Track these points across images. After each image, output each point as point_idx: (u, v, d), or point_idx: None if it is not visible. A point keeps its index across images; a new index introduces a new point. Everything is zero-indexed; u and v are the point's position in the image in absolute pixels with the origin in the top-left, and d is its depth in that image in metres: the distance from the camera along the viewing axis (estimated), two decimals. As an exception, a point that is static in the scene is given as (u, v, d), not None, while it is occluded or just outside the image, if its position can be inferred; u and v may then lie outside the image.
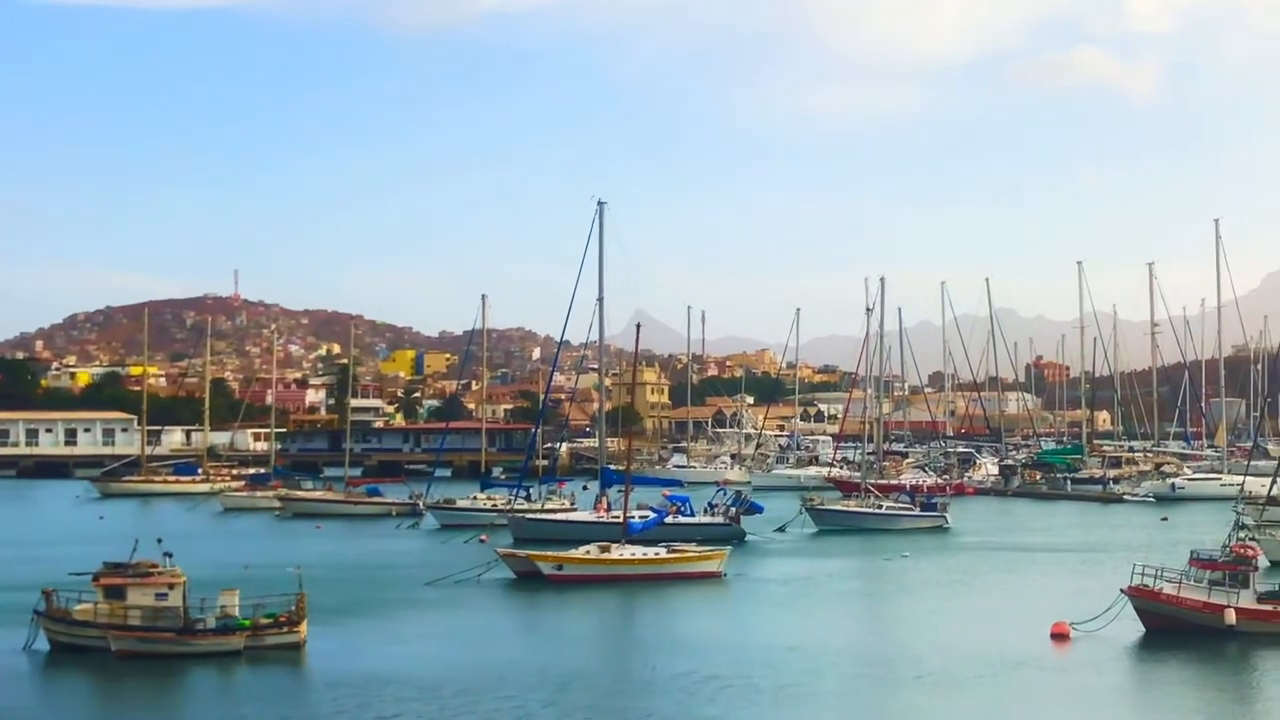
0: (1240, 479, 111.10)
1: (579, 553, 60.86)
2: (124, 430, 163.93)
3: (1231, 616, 43.33)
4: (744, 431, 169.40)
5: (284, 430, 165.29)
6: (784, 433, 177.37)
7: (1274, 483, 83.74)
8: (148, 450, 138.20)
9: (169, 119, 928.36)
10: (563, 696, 36.25)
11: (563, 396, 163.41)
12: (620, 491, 69.82)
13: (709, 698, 35.86)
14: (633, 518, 67.76)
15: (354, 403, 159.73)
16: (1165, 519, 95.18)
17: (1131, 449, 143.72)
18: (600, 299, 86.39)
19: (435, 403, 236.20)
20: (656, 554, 61.28)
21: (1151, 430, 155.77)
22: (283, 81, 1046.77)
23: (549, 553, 61.33)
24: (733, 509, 79.64)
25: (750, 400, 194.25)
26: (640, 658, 42.76)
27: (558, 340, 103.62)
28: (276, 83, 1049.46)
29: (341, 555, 72.47)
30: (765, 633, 47.08)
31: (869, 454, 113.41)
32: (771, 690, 36.79)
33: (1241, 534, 50.46)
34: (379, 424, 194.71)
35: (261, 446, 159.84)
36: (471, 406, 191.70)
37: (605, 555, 60.44)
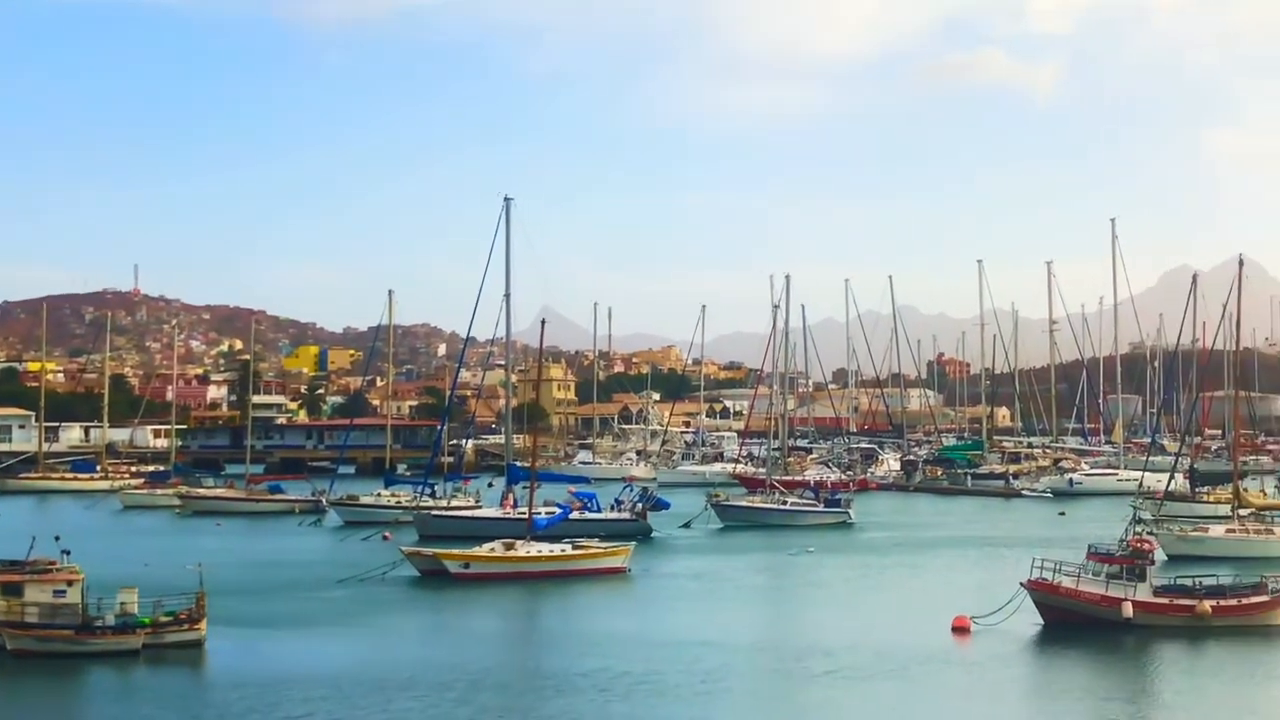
0: (1136, 474, 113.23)
1: (483, 549, 60.68)
2: (21, 427, 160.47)
3: (1129, 609, 44.07)
4: (650, 428, 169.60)
5: (185, 427, 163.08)
6: (690, 429, 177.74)
7: (1171, 479, 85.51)
8: (45, 447, 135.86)
9: (68, 113, 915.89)
10: (476, 695, 36.14)
11: (469, 393, 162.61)
12: (526, 488, 69.67)
13: (624, 695, 35.90)
14: (538, 514, 67.75)
15: (256, 399, 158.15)
16: (1063, 514, 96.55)
17: (1030, 445, 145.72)
18: (507, 295, 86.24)
19: (339, 399, 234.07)
20: (563, 550, 61.23)
21: (1050, 426, 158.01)
22: (186, 76, 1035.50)
23: (455, 550, 61.05)
24: (639, 505, 79.76)
25: (656, 397, 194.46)
26: (552, 655, 42.66)
27: (464, 337, 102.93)
28: (179, 77, 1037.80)
29: (242, 553, 71.62)
30: (674, 629, 47.20)
31: (774, 450, 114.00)
32: (685, 687, 36.89)
33: (1138, 528, 51.34)
34: (282, 421, 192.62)
35: (162, 443, 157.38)
36: (376, 403, 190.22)
37: (512, 553, 60.28)
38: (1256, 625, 45.21)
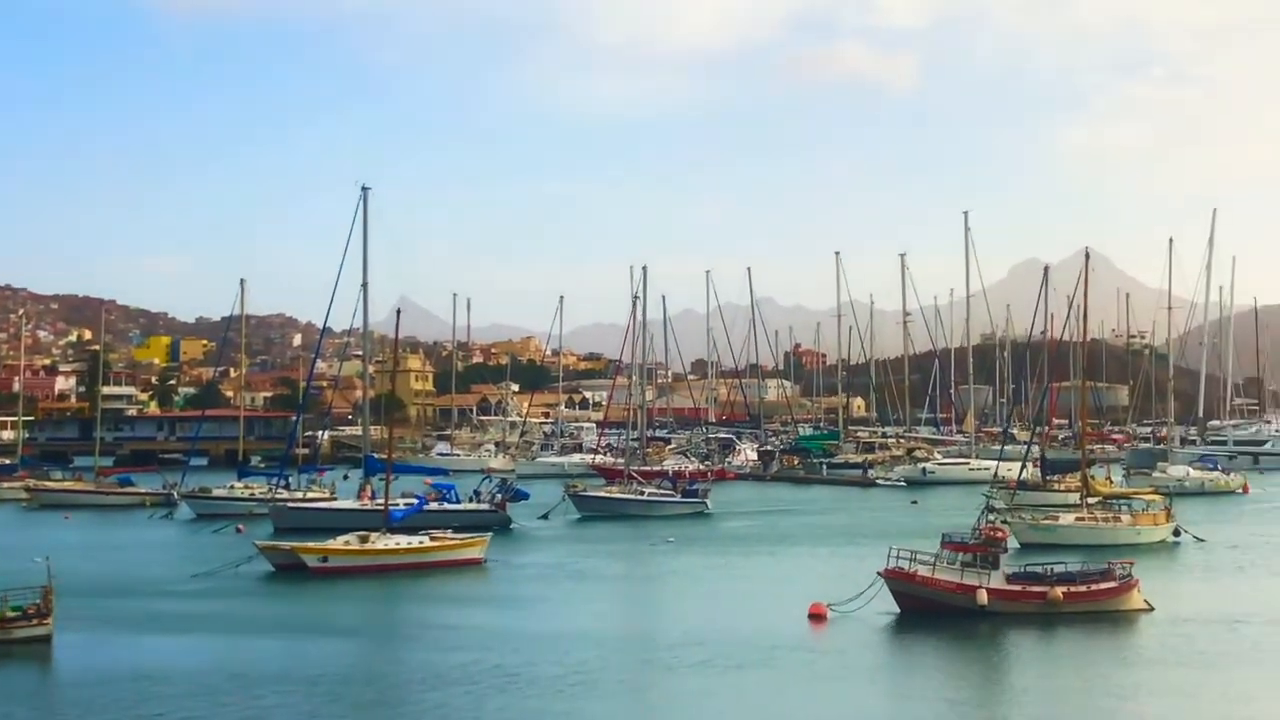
0: (987, 463, 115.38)
1: (338, 542, 59.89)
2: None
3: (983, 597, 44.75)
4: (509, 419, 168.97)
5: (32, 419, 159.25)
6: (549, 420, 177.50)
7: (1023, 468, 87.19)
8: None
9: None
10: (348, 690, 35.80)
11: (325, 384, 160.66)
12: (383, 480, 68.98)
13: (499, 688, 35.59)
14: (395, 506, 67.13)
15: (106, 390, 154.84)
16: (915, 502, 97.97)
17: (885, 434, 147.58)
18: (364, 285, 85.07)
19: (192, 390, 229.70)
20: (420, 543, 60.72)
21: (904, 416, 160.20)
22: (34, 58, 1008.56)
23: (311, 544, 60.15)
24: (498, 496, 79.45)
25: (515, 388, 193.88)
26: (419, 649, 42.19)
27: (320, 327, 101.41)
28: (27, 59, 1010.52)
29: (91, 546, 70.04)
30: (539, 621, 46.98)
31: (632, 441, 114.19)
32: (557, 679, 36.70)
33: (991, 517, 52.15)
34: (132, 412, 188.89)
35: (8, 435, 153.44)
36: (229, 394, 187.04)
37: (369, 545, 59.57)
38: (1105, 610, 46.23)
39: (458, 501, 77.30)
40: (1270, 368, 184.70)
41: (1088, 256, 79.44)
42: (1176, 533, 69.96)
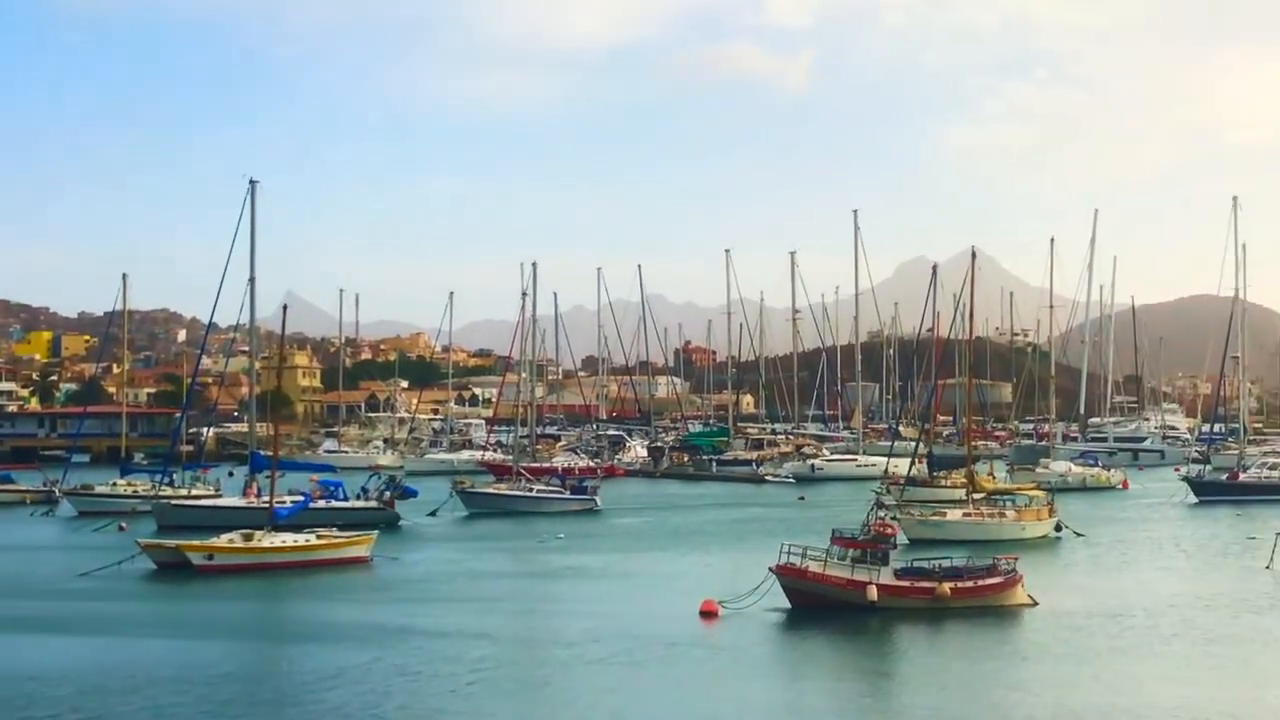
0: (874, 459, 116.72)
1: (222, 540, 59.06)
2: None
3: (873, 593, 45.14)
4: (397, 416, 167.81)
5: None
6: (438, 416, 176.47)
7: (913, 464, 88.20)
8: None
9: None
10: (247, 690, 35.18)
11: (210, 380, 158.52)
12: (269, 477, 68.16)
13: (398, 688, 35.11)
14: (281, 503, 66.44)
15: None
16: (803, 499, 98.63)
17: (774, 431, 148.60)
18: (251, 280, 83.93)
19: (73, 386, 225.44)
20: (306, 540, 60.09)
21: (792, 413, 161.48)
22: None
23: (196, 541, 59.22)
24: (386, 493, 78.87)
25: (404, 384, 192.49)
26: (315, 649, 41.40)
27: (205, 323, 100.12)
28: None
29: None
30: (431, 619, 46.49)
31: (522, 437, 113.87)
32: (451, 678, 36.34)
33: (881, 513, 52.60)
34: (12, 408, 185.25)
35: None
36: (112, 390, 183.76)
37: (255, 543, 58.81)
38: (991, 605, 46.87)
39: (345, 499, 76.65)
40: (1149, 366, 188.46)
41: (974, 256, 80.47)
42: (1058, 528, 71.13)
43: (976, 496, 73.99)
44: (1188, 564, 63.54)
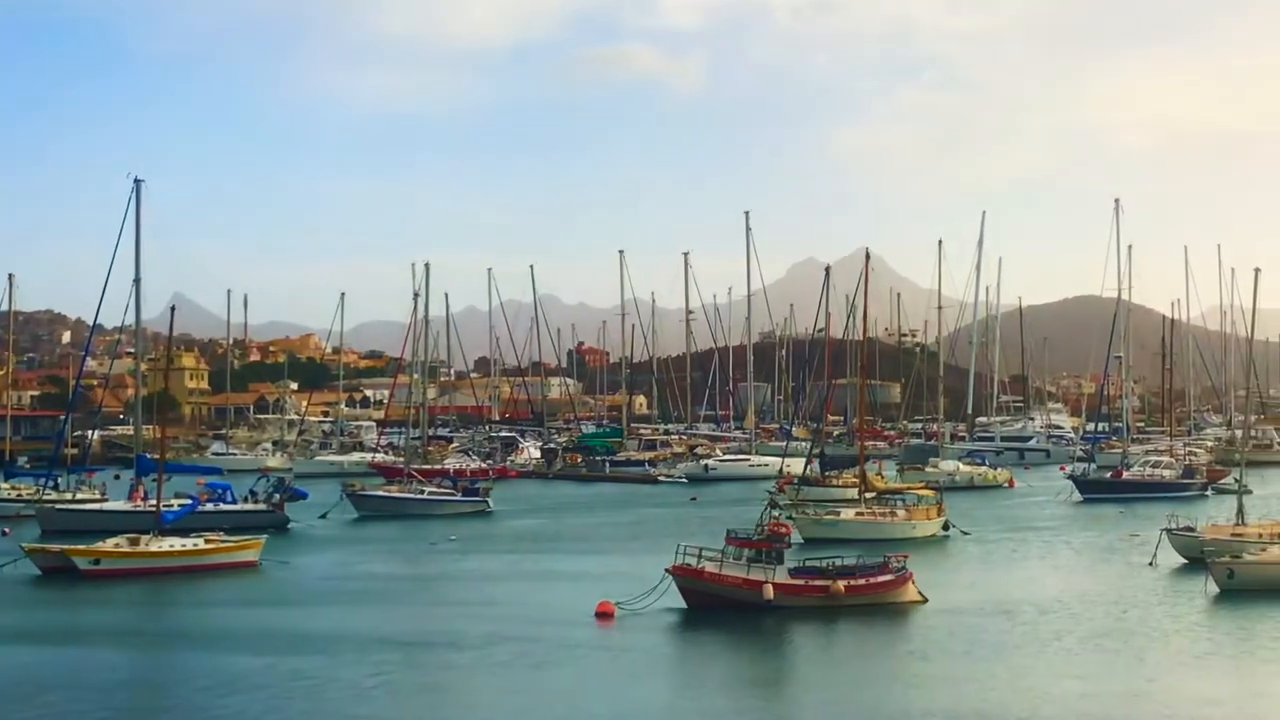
0: (767, 460, 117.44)
1: (108, 544, 57.95)
2: None
3: (769, 592, 45.35)
4: (287, 418, 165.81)
5: None
6: (328, 418, 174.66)
7: (808, 464, 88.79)
8: None
9: None
10: (143, 697, 34.87)
11: (95, 382, 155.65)
12: (155, 480, 67.01)
13: (298, 693, 34.84)
14: (168, 507, 65.38)
15: None
16: (695, 499, 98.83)
17: (667, 431, 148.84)
18: (137, 281, 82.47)
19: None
20: (194, 545, 59.13)
21: (685, 413, 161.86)
22: None
23: (81, 546, 57.99)
24: (276, 496, 77.94)
25: (294, 386, 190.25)
26: (210, 653, 40.66)
27: (90, 324, 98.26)
28: None
29: None
30: (327, 623, 46.10)
31: (413, 439, 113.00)
32: (351, 682, 36.08)
33: (775, 513, 52.85)
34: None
35: None
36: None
37: (141, 548, 57.76)
38: (883, 602, 47.32)
39: (233, 501, 75.66)
40: (1035, 366, 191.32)
41: (868, 257, 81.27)
42: (946, 527, 71.93)
43: (868, 496, 74.68)
44: (1074, 561, 64.53)
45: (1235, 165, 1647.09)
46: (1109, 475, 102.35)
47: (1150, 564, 59.00)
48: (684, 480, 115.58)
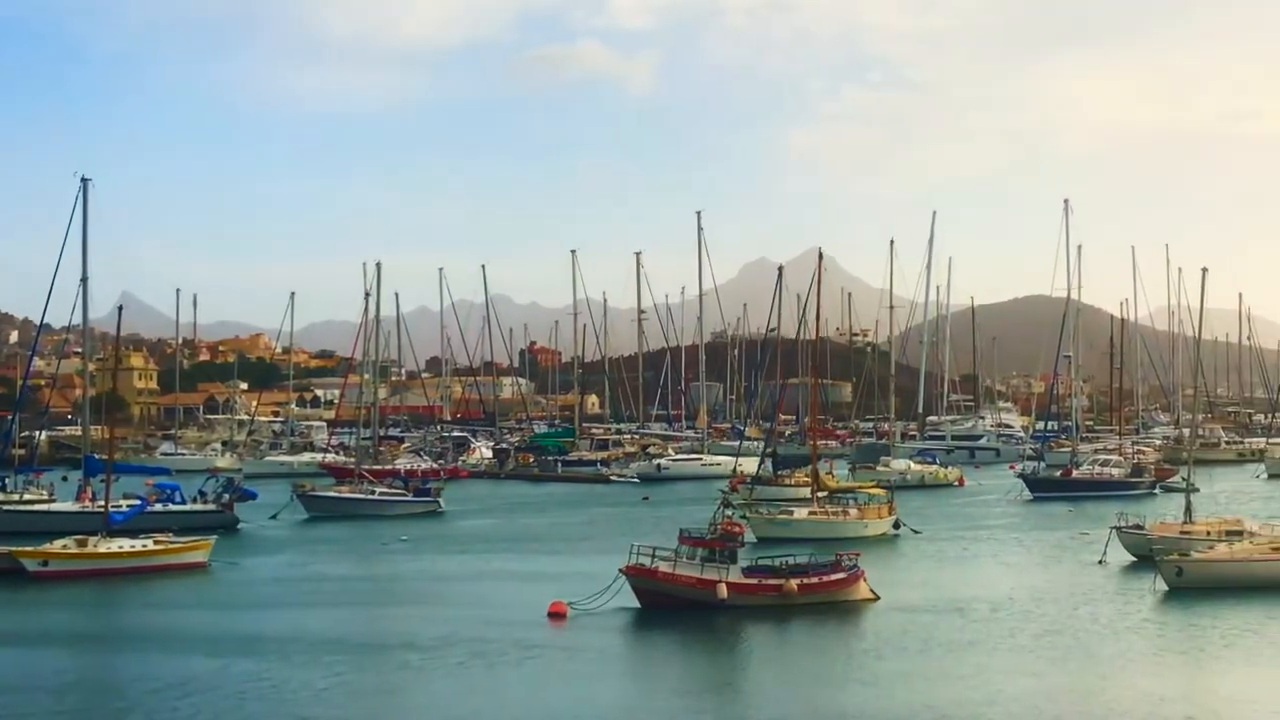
0: (719, 459, 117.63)
1: (57, 546, 57.41)
2: None
3: (723, 591, 45.37)
4: (237, 418, 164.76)
5: None
6: (278, 418, 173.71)
7: (762, 463, 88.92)
8: None
9: None
10: (98, 699, 34.44)
11: (42, 382, 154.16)
12: (104, 481, 66.43)
13: (254, 695, 34.58)
14: (117, 508, 64.82)
15: None
16: (647, 498, 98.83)
17: (619, 431, 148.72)
18: (84, 280, 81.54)
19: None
20: (144, 546, 58.66)
21: (637, 413, 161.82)
22: None
23: (29, 548, 57.38)
24: (225, 496, 77.47)
25: (244, 386, 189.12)
26: (163, 656, 40.22)
27: (37, 323, 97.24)
28: None
29: None
30: (280, 625, 45.74)
31: (364, 439, 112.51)
32: (307, 684, 35.90)
33: (729, 512, 52.88)
34: None
35: None
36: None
37: (90, 549, 57.22)
38: (836, 601, 47.50)
39: (182, 502, 75.20)
40: (985, 365, 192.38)
41: (820, 257, 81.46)
42: (897, 525, 72.23)
43: (821, 495, 74.86)
44: (1025, 559, 64.90)
45: (1182, 165, 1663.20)
46: (1058, 474, 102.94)
47: (1100, 562, 59.44)
48: (636, 480, 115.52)
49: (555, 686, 36.28)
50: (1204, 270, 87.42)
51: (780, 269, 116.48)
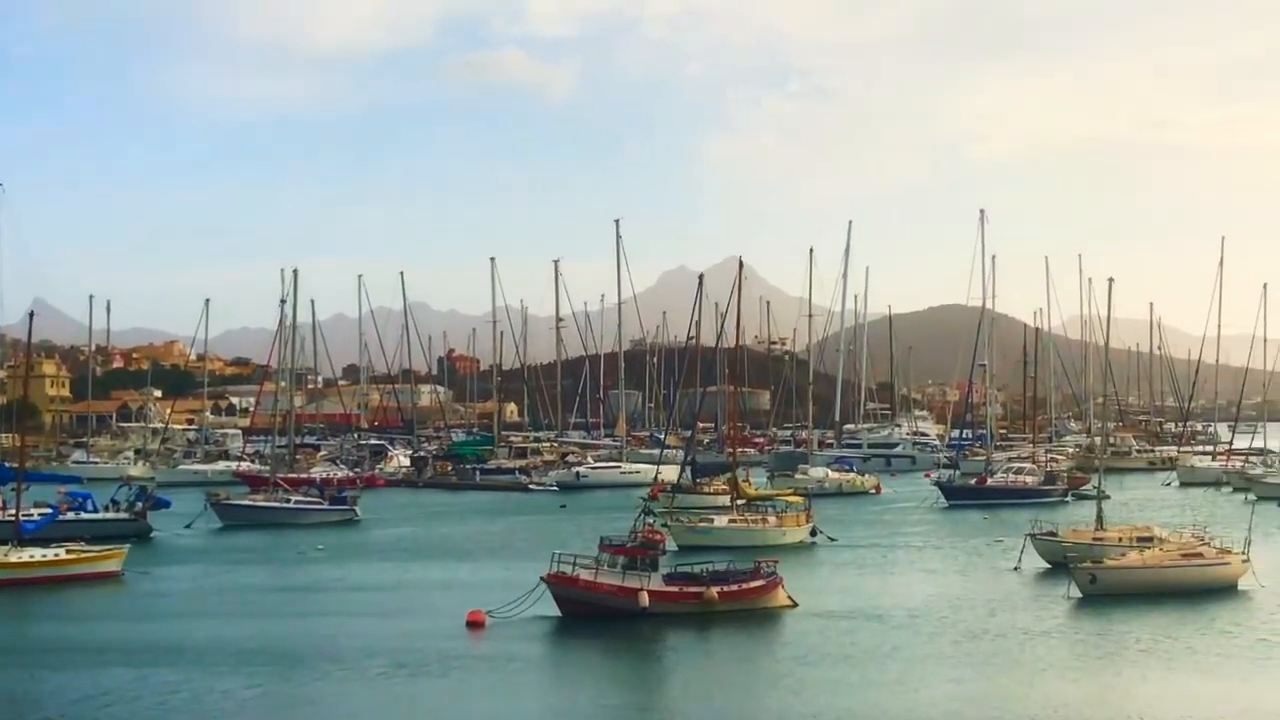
0: (638, 467, 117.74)
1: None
2: None
3: (645, 599, 45.39)
4: (151, 426, 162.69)
5: None
6: (193, 426, 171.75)
7: (683, 471, 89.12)
8: None
9: None
10: (18, 712, 33.96)
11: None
12: (14, 489, 65.35)
13: (175, 707, 34.21)
14: (29, 517, 63.83)
15: None
16: (564, 506, 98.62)
17: (538, 439, 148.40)
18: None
19: None
20: (55, 555, 57.84)
21: (556, 421, 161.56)
22: None
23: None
24: (137, 505, 76.52)
25: (158, 394, 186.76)
26: (81, 667, 39.57)
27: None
28: None
29: None
30: (197, 635, 45.20)
31: (280, 447, 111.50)
32: (228, 694, 35.55)
33: (649, 520, 52.94)
34: None
35: None
36: None
37: (2, 559, 56.37)
38: (756, 608, 47.73)
39: (94, 510, 74.10)
40: (901, 373, 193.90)
41: (741, 265, 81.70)
42: (813, 533, 72.62)
43: (739, 503, 75.13)
44: (942, 565, 65.45)
45: (1098, 177, 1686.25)
46: (973, 481, 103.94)
47: (1015, 568, 60.08)
48: (555, 488, 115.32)
49: (476, 696, 36.16)
50: (1110, 280, 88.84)
51: (701, 277, 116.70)
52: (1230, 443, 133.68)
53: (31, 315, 74.10)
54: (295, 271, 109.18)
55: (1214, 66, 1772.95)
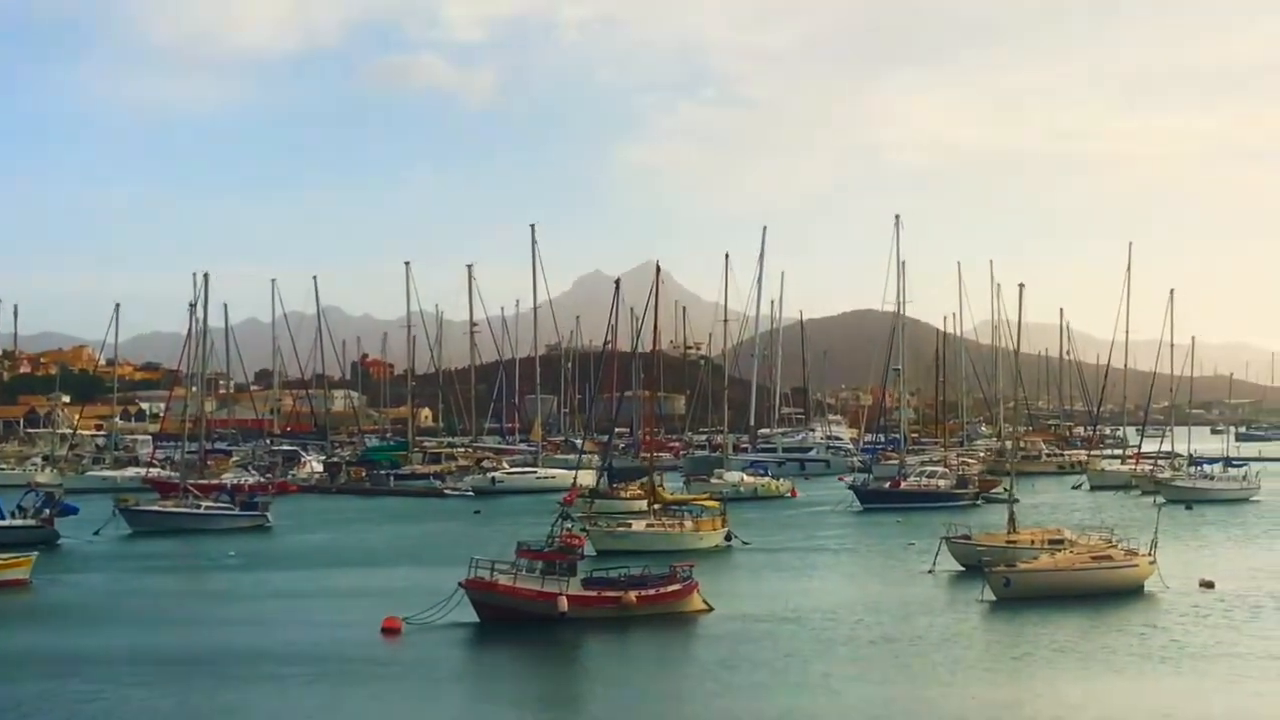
0: (554, 472, 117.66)
1: None
2: None
3: (564, 604, 45.28)
4: (58, 431, 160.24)
5: None
6: (102, 432, 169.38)
7: (600, 476, 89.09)
8: None
9: None
10: None
11: None
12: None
13: (101, 716, 33.79)
14: (-66, 525, 62.68)
15: None
16: (478, 512, 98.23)
17: (453, 445, 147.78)
18: (-103, 288, 78.97)
19: None
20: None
21: (470, 426, 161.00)
22: None
23: None
24: (45, 511, 75.29)
25: (66, 399, 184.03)
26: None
27: None
28: None
29: None
30: (107, 642, 44.63)
31: (190, 453, 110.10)
32: (144, 702, 35.13)
33: (567, 525, 52.91)
34: None
35: None
36: None
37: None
38: (672, 612, 47.78)
39: (1, 517, 72.85)
40: (815, 378, 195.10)
41: (658, 270, 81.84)
42: (728, 537, 72.87)
43: (655, 507, 75.27)
44: (857, 569, 65.90)
45: (1009, 183, 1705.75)
46: (887, 485, 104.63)
47: (929, 571, 60.50)
48: (470, 493, 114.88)
49: (395, 703, 35.83)
50: (1021, 286, 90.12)
51: (618, 281, 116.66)
52: (1139, 446, 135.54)
53: (-65, 320, 72.80)
54: (206, 275, 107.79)
55: (1120, 77, 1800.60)
